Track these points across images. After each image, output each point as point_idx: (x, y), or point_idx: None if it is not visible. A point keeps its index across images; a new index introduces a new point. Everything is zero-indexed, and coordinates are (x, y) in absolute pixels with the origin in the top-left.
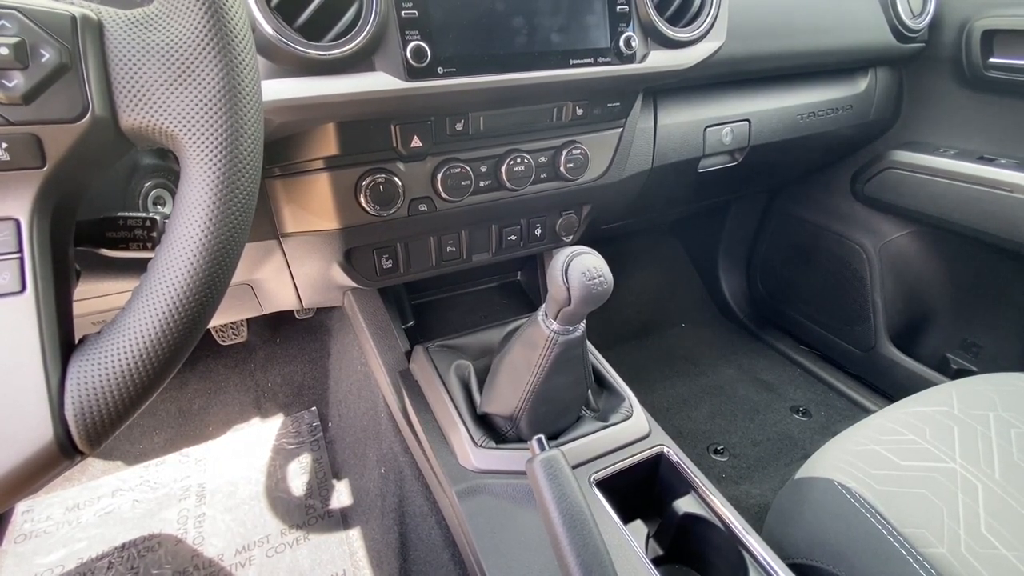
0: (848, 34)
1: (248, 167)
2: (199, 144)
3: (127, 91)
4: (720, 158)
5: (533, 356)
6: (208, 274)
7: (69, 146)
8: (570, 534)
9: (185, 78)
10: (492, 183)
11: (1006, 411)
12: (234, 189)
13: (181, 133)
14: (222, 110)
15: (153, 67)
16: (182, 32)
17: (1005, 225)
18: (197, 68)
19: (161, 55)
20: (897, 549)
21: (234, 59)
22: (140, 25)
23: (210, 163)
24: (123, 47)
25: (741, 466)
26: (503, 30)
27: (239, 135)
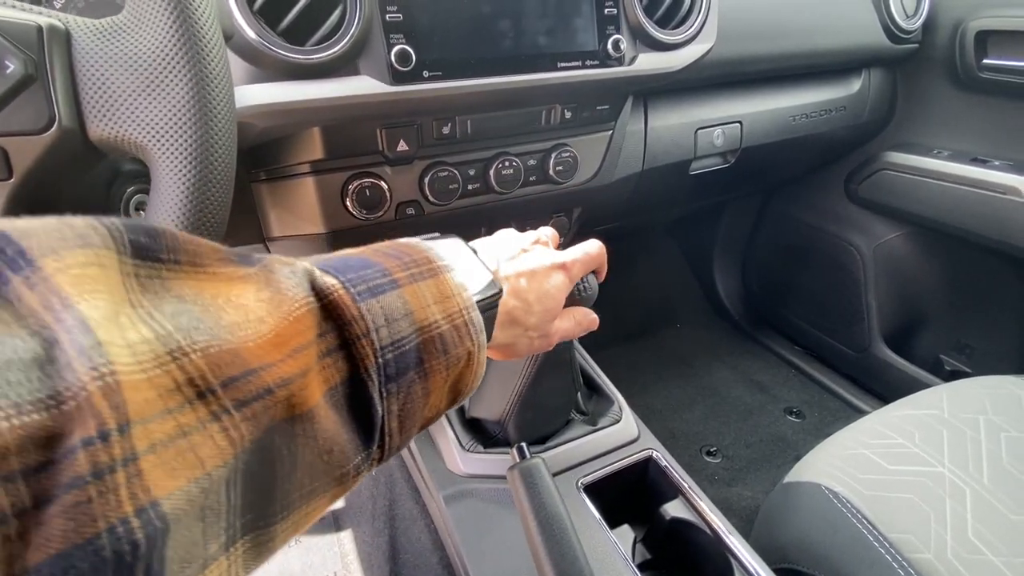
0: (840, 35)
1: (219, 177)
2: (168, 154)
3: (95, 101)
4: (712, 160)
5: (520, 361)
6: None
7: (36, 158)
8: (548, 543)
9: (154, 88)
10: (480, 186)
11: (996, 415)
12: (204, 200)
13: (150, 143)
14: (191, 120)
15: (121, 77)
16: (151, 41)
17: (998, 227)
18: (166, 77)
19: (130, 65)
20: (882, 555)
21: (203, 68)
22: (108, 35)
23: (179, 174)
24: (91, 57)
25: (734, 468)
26: (489, 33)
27: (209, 145)
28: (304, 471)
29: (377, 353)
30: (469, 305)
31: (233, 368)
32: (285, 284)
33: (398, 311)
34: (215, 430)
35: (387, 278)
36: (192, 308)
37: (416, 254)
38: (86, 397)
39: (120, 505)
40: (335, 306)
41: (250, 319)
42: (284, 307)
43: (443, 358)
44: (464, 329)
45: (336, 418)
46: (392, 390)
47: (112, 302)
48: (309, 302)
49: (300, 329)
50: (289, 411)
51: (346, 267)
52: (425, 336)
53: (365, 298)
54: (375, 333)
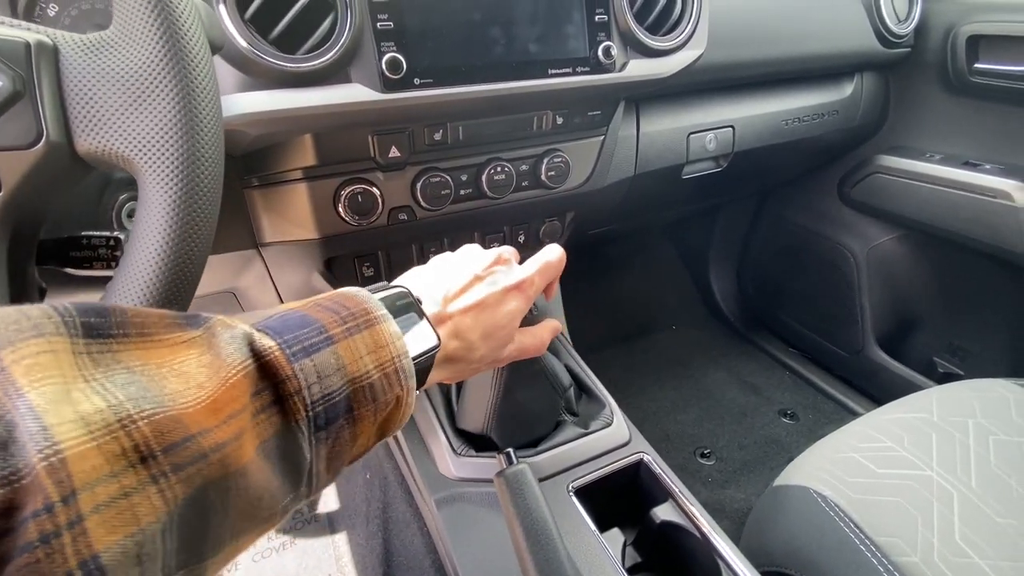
0: (832, 40)
1: (206, 191)
2: (155, 169)
3: (82, 116)
4: (704, 164)
5: (487, 377)
6: (165, 299)
7: (24, 172)
8: (533, 550)
9: (141, 102)
10: (473, 192)
11: (985, 418)
12: (191, 214)
13: (137, 157)
14: (178, 134)
15: (109, 91)
16: (138, 56)
17: (989, 230)
18: (153, 92)
19: (117, 79)
20: (868, 558)
21: (191, 82)
22: (96, 50)
23: (166, 188)
24: (79, 72)
25: (727, 470)
26: (480, 40)
27: (196, 159)
28: (236, 517)
29: (308, 408)
30: (402, 353)
31: (174, 435)
32: (225, 350)
33: (330, 367)
34: (152, 491)
35: (322, 335)
36: (140, 378)
37: (355, 306)
38: (35, 475)
39: (65, 562)
40: (271, 366)
41: (190, 386)
42: (222, 373)
43: (372, 405)
44: (394, 376)
45: (267, 468)
46: (321, 437)
47: (63, 383)
48: (246, 365)
49: (235, 395)
50: (223, 470)
51: (284, 327)
52: (356, 387)
53: (299, 358)
54: (307, 390)
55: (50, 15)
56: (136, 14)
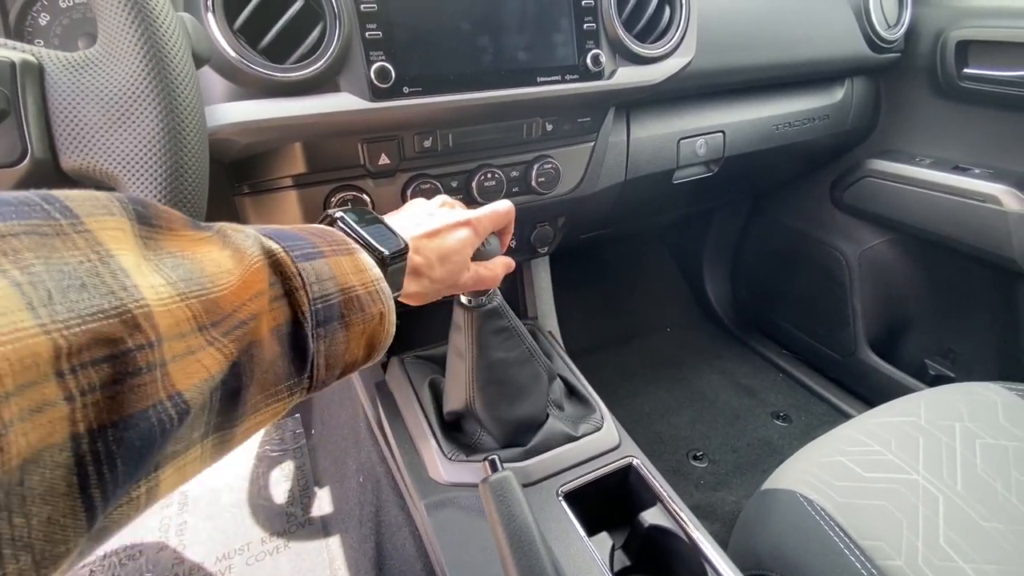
0: (822, 45)
1: (189, 206)
2: (139, 185)
3: (67, 133)
4: (695, 169)
5: (461, 338)
6: None
7: (9, 189)
8: (516, 557)
9: (125, 119)
10: (463, 198)
11: (972, 421)
12: None
13: (121, 174)
14: (161, 151)
15: (93, 109)
16: (122, 74)
17: (978, 234)
18: (136, 109)
19: (101, 97)
20: (852, 562)
21: (174, 99)
22: (81, 68)
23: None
24: (63, 90)
25: (719, 472)
26: (469, 49)
27: (180, 175)
28: (256, 388)
29: (310, 303)
30: (378, 278)
31: (217, 314)
32: (243, 244)
33: (325, 274)
34: (212, 350)
35: (315, 249)
36: (183, 263)
37: (335, 236)
38: (132, 318)
39: (159, 392)
40: (280, 264)
41: (222, 270)
42: (246, 261)
43: (360, 314)
44: (376, 295)
45: (278, 348)
46: (320, 333)
47: (135, 256)
48: (262, 258)
49: (258, 279)
50: (252, 337)
51: (283, 236)
52: (346, 296)
53: (301, 261)
54: (308, 287)
55: (41, 25)
56: (119, 32)
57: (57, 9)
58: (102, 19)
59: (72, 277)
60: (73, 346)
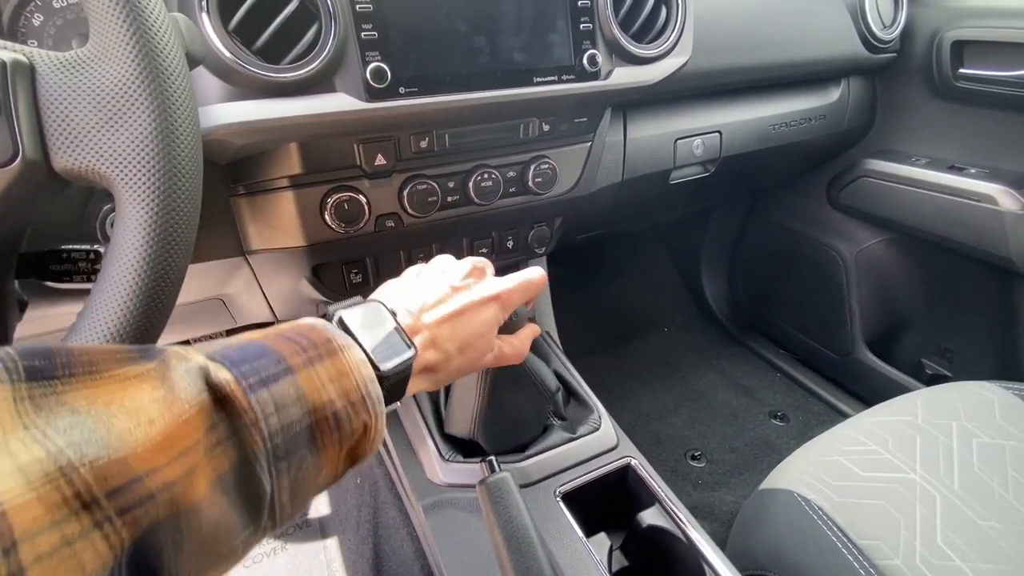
0: (818, 45)
1: (183, 208)
2: (132, 185)
3: (59, 133)
4: (692, 169)
5: (472, 383)
6: (143, 313)
7: (1, 189)
8: (514, 558)
9: (117, 119)
10: (460, 198)
11: (969, 421)
12: (168, 229)
13: (114, 174)
14: (155, 151)
15: (85, 109)
16: (114, 73)
17: (974, 234)
18: (129, 108)
19: (93, 97)
20: (850, 561)
21: (167, 99)
22: (73, 68)
23: (143, 203)
24: (55, 90)
25: (717, 472)
26: (465, 49)
27: (173, 176)
28: (192, 556)
29: (266, 440)
30: (366, 379)
31: (119, 478)
32: (179, 384)
33: (289, 397)
34: (96, 538)
35: (281, 366)
36: (85, 419)
37: (315, 335)
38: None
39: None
40: (227, 399)
41: (140, 422)
42: (175, 408)
43: (336, 434)
44: (360, 404)
45: (223, 502)
46: (282, 468)
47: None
48: (201, 400)
49: (188, 432)
50: (173, 509)
51: (241, 359)
52: (318, 416)
53: (256, 389)
54: (263, 422)
55: (35, 25)
56: (111, 31)
57: (51, 9)
58: (93, 18)
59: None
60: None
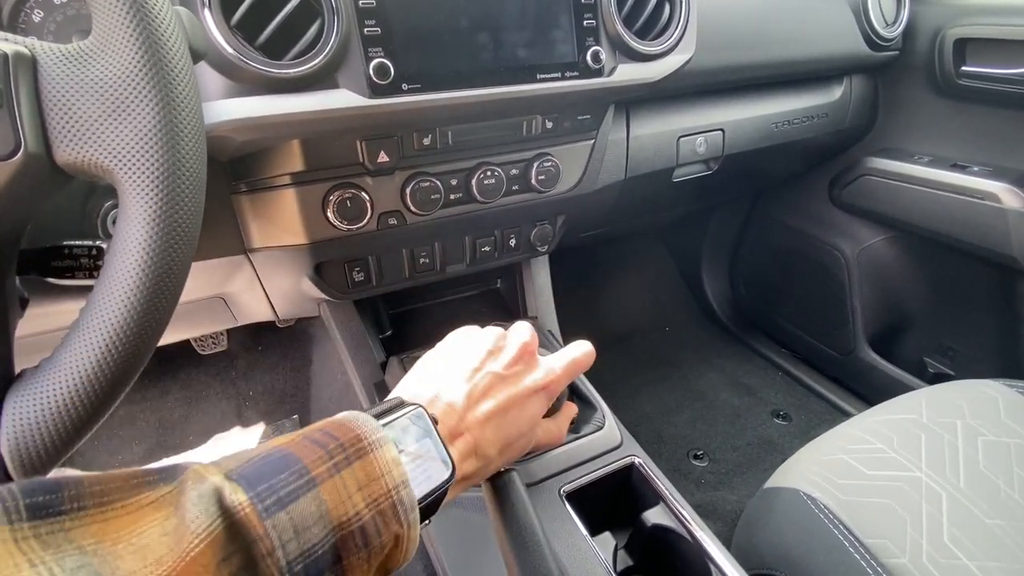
0: (820, 43)
1: (187, 202)
2: (135, 179)
3: (61, 126)
4: (694, 167)
5: None
6: (146, 310)
7: (2, 183)
8: (520, 557)
9: (120, 112)
10: (463, 196)
11: (974, 419)
12: (172, 224)
13: (117, 168)
14: (158, 144)
15: (88, 101)
16: (118, 66)
17: (977, 232)
18: (133, 102)
19: (96, 89)
20: (857, 560)
21: (171, 92)
22: (75, 60)
23: (146, 198)
24: (57, 82)
25: (720, 471)
26: (468, 46)
27: (177, 169)
28: None
29: (283, 570)
30: (399, 483)
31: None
32: (190, 513)
33: (311, 517)
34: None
35: (303, 479)
36: (91, 560)
37: (345, 435)
38: None
39: None
40: (241, 525)
41: (148, 563)
42: (184, 543)
43: (364, 551)
44: (390, 512)
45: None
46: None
47: None
48: (212, 530)
49: (196, 570)
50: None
51: (259, 476)
52: (343, 533)
53: (273, 512)
54: (281, 550)
55: (35, 21)
56: (115, 24)
57: (51, 5)
58: (96, 10)
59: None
60: None
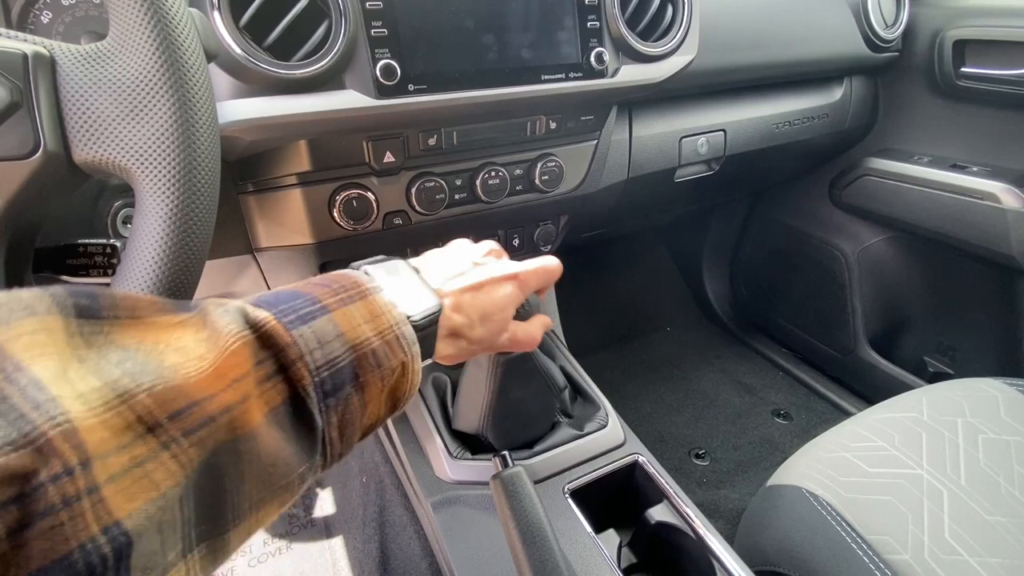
0: (821, 45)
1: (202, 200)
2: (152, 177)
3: (80, 126)
4: (696, 168)
5: (481, 376)
6: None
7: (21, 182)
8: (529, 552)
9: (138, 112)
10: (467, 196)
11: (974, 417)
12: (188, 221)
13: (134, 166)
14: (175, 143)
15: (106, 101)
16: (135, 66)
17: (976, 232)
18: (150, 101)
19: (114, 89)
20: (860, 556)
21: (187, 92)
22: (93, 60)
23: (163, 196)
24: (76, 82)
25: (721, 470)
26: (473, 47)
27: (193, 168)
28: (252, 484)
29: (312, 373)
30: (399, 320)
31: (178, 402)
32: (220, 322)
33: (329, 334)
34: (166, 457)
35: (316, 305)
36: (135, 355)
37: (345, 280)
38: (47, 441)
39: (88, 527)
40: (269, 335)
41: (190, 358)
42: (220, 342)
43: (377, 371)
44: (396, 343)
45: (279, 435)
46: (331, 404)
47: (60, 361)
48: (244, 335)
49: (237, 361)
50: (232, 433)
51: (276, 300)
52: (359, 353)
53: (296, 325)
54: (309, 356)
55: (44, 22)
56: (132, 24)
57: (60, 7)
58: (114, 11)
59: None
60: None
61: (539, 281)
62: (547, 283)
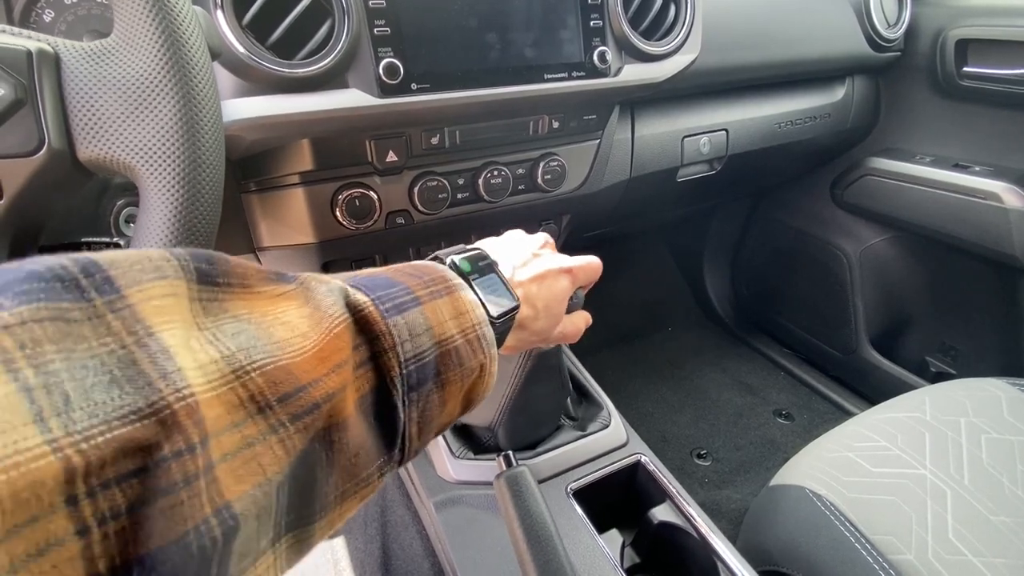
0: (823, 44)
1: (207, 197)
2: (157, 175)
3: (84, 123)
4: (698, 167)
5: (508, 367)
6: None
7: (25, 179)
8: (533, 551)
9: (142, 109)
10: (470, 195)
11: (977, 417)
12: (192, 219)
13: (139, 164)
14: (179, 140)
15: (110, 99)
16: (139, 64)
17: (978, 231)
18: (154, 99)
19: (118, 87)
20: (864, 556)
21: (191, 90)
22: (97, 58)
23: (168, 194)
24: (80, 80)
25: (723, 471)
26: (476, 46)
27: (197, 165)
28: (338, 474)
29: (401, 365)
30: (481, 321)
31: (287, 385)
32: (324, 301)
33: (420, 327)
34: (274, 441)
35: (410, 296)
36: (247, 327)
37: (433, 273)
38: (171, 414)
39: (203, 507)
40: (366, 321)
41: (295, 335)
42: (325, 323)
43: (458, 370)
44: (476, 343)
45: (364, 424)
46: (413, 398)
47: (184, 328)
48: (345, 318)
49: (339, 345)
50: (328, 421)
51: (374, 285)
52: (443, 349)
53: (392, 315)
54: (400, 347)
55: (46, 20)
56: (137, 22)
57: (62, 5)
58: (119, 9)
59: (99, 372)
60: (92, 463)
61: (587, 276)
62: (593, 279)
